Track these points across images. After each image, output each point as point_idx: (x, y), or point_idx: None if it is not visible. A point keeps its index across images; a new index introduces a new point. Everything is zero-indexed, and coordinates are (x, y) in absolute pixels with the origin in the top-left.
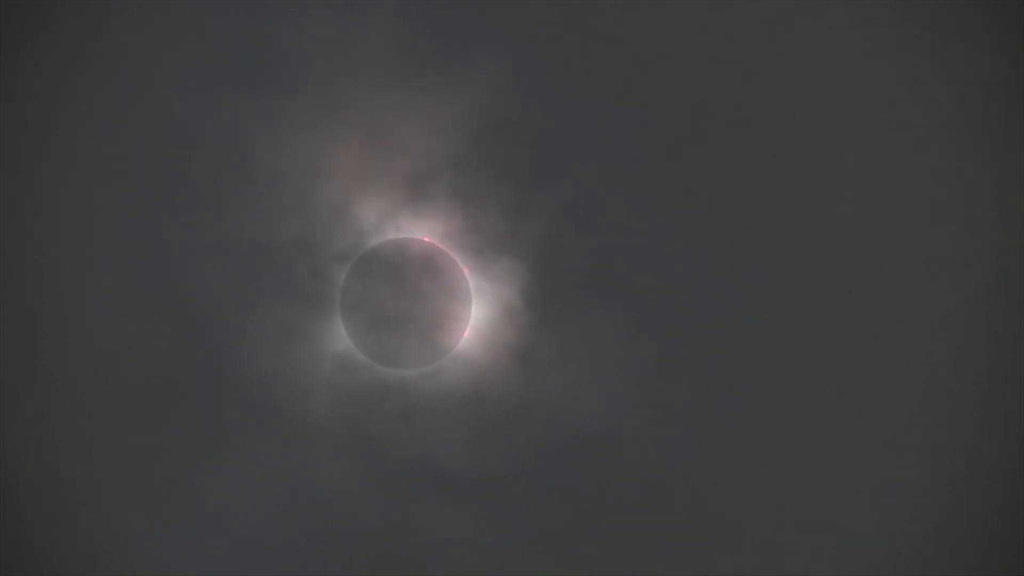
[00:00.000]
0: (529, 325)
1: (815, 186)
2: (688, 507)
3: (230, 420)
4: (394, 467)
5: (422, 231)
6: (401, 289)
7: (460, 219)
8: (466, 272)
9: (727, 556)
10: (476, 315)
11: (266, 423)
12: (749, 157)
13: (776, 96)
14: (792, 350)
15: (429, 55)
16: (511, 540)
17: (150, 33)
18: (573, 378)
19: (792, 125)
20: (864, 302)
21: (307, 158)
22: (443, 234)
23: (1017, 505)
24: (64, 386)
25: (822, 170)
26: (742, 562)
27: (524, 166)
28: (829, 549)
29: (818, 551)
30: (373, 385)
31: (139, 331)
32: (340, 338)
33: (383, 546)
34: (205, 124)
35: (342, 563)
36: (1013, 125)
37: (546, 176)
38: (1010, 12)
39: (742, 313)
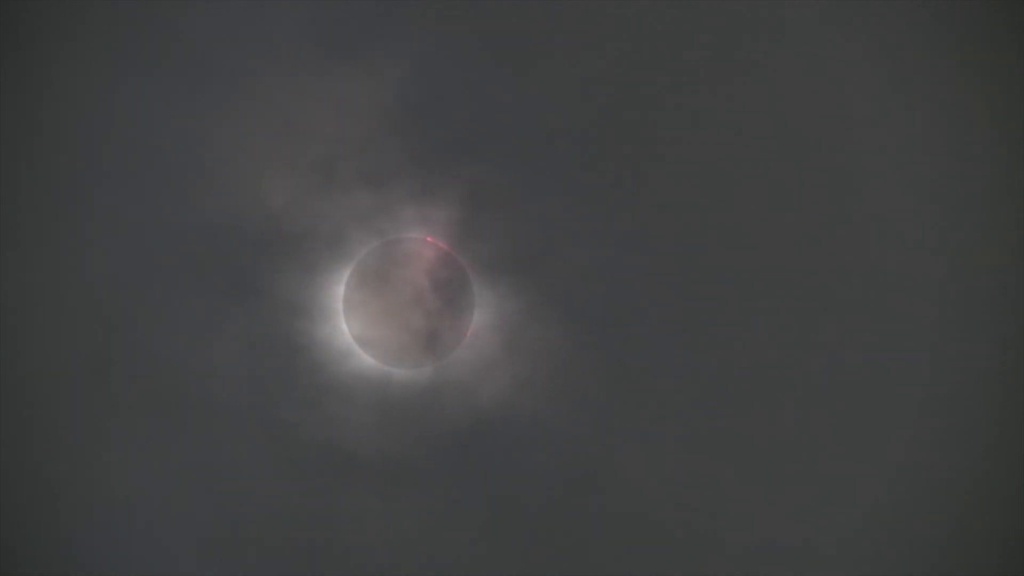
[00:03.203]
0: (437, 308)
1: (739, 170)
2: (599, 490)
3: (136, 406)
4: (303, 452)
5: (332, 215)
6: (403, 289)
7: (369, 202)
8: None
9: (639, 540)
10: (388, 298)
11: (172, 409)
12: (668, 140)
13: (699, 79)
14: (706, 338)
15: (340, 38)
16: (420, 522)
17: (55, 17)
18: (481, 361)
19: (719, 108)
20: (789, 299)
21: (215, 142)
22: (352, 217)
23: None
24: None
25: (748, 153)
26: (656, 546)
27: (434, 150)
28: (743, 543)
29: (729, 544)
30: (283, 370)
31: (44, 315)
32: (251, 323)
33: (291, 530)
34: (112, 109)
35: (250, 548)
36: (1012, 124)
37: (456, 160)
38: (1011, 11)
39: (656, 298)
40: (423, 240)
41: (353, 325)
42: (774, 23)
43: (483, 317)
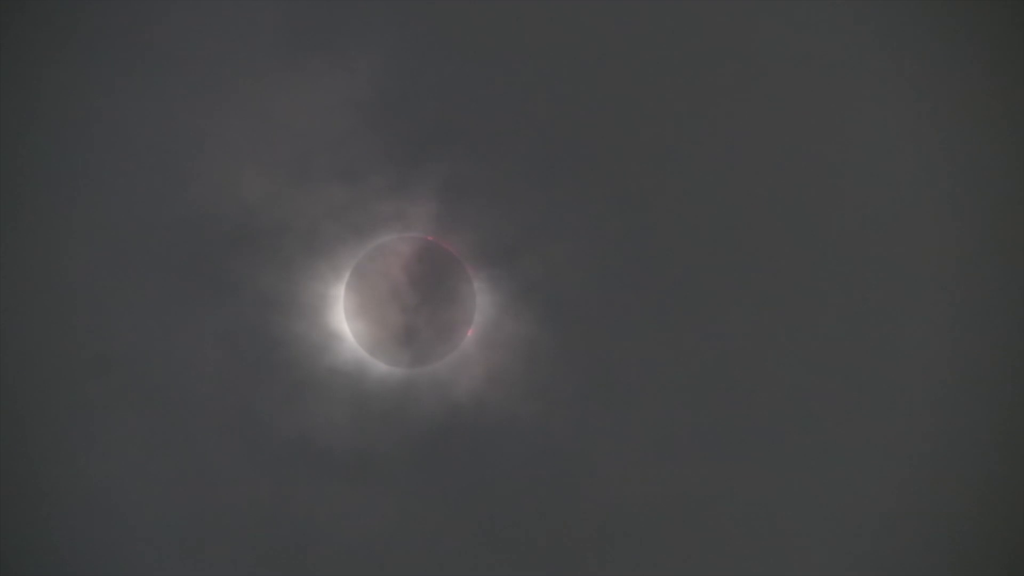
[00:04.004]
0: (413, 303)
1: (718, 162)
2: (574, 485)
3: (111, 401)
4: (277, 446)
5: (307, 209)
6: (407, 287)
7: (344, 197)
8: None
9: (614, 535)
10: (362, 294)
11: (147, 403)
12: (644, 134)
13: (676, 71)
14: (685, 333)
15: (314, 34)
16: (394, 517)
17: (30, 14)
18: (457, 355)
19: (698, 100)
20: (771, 294)
21: (189, 138)
22: (327, 212)
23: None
24: None
25: (728, 145)
26: (631, 542)
27: (409, 145)
28: (720, 539)
29: (706, 540)
30: (258, 364)
31: (18, 311)
32: (226, 318)
33: (265, 525)
34: (86, 106)
35: (224, 543)
36: (1013, 124)
37: (431, 155)
38: (1011, 11)
39: (632, 292)
40: (423, 240)
41: (355, 322)
42: (747, 12)
43: (458, 311)
